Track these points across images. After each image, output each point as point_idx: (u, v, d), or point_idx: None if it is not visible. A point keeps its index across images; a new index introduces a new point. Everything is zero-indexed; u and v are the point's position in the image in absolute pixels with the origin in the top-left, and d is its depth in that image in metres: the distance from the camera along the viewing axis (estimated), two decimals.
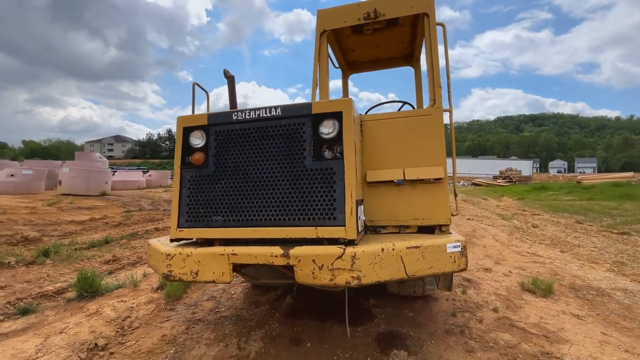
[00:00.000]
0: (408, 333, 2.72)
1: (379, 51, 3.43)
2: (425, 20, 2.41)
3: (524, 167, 35.14)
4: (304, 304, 3.36)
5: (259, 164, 2.00)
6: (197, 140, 2.14)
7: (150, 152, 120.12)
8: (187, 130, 2.16)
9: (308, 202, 1.88)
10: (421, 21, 2.56)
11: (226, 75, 3.06)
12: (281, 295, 3.56)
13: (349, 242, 1.78)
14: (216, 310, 3.34)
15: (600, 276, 4.20)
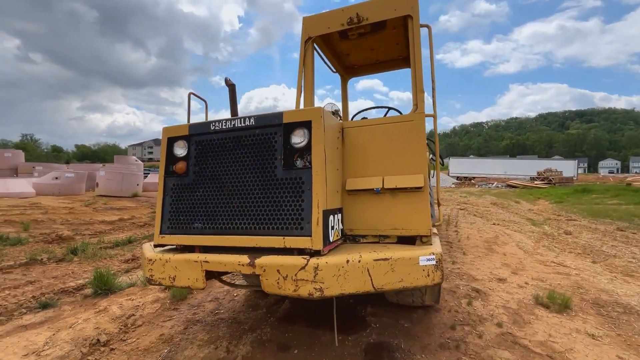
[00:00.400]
0: (399, 345, 2.63)
1: (375, 54, 3.35)
2: (409, 22, 2.32)
3: (566, 167, 32.36)
4: (300, 309, 3.36)
5: (234, 173, 2.03)
6: (180, 150, 2.22)
7: None
8: (172, 140, 2.25)
9: (278, 211, 1.88)
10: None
11: (227, 83, 3.12)
12: (280, 300, 3.59)
13: (315, 253, 1.76)
14: (216, 311, 3.43)
15: (633, 292, 3.79)
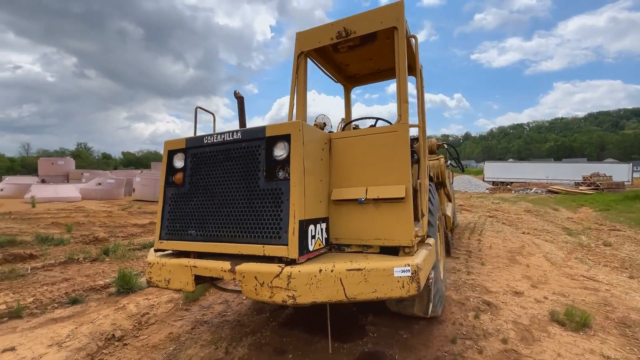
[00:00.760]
0: (393, 356, 2.61)
1: (374, 64, 3.37)
2: (395, 33, 2.34)
3: (617, 171, 29.30)
4: (302, 315, 3.42)
5: (222, 184, 2.17)
6: (179, 162, 2.41)
7: None
8: (171, 153, 2.45)
9: (259, 220, 1.98)
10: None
11: (236, 95, 3.28)
12: (284, 305, 3.67)
13: (291, 262, 1.83)
14: (223, 314, 3.59)
15: None
